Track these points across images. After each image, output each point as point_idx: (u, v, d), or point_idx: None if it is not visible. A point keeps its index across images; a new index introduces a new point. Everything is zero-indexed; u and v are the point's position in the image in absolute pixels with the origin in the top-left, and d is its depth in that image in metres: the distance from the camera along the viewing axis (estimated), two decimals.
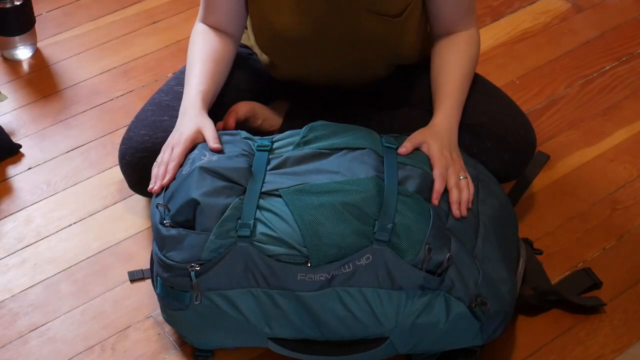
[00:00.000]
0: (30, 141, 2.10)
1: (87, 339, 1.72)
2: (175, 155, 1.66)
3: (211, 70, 1.77)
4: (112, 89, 2.24)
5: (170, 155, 1.67)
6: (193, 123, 1.69)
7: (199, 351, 1.67)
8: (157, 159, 1.69)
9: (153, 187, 1.65)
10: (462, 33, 1.82)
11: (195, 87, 1.74)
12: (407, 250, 1.54)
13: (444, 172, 1.66)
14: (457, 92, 1.77)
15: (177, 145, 1.67)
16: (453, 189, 1.65)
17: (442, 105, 1.76)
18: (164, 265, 1.57)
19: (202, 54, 1.79)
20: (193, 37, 1.84)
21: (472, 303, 1.55)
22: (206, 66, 1.77)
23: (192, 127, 1.68)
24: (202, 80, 1.75)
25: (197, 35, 1.83)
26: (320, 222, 1.54)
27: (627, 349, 1.70)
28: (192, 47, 1.82)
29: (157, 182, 1.65)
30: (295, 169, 1.63)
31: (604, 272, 1.81)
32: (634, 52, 2.34)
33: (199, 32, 1.83)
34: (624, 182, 2.01)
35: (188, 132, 1.68)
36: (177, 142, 1.68)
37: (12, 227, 1.92)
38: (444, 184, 1.65)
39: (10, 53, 2.29)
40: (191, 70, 1.78)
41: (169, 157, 1.67)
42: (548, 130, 2.12)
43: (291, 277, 1.53)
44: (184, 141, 1.67)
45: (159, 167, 1.67)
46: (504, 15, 2.45)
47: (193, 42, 1.83)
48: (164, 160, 1.67)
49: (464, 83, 1.79)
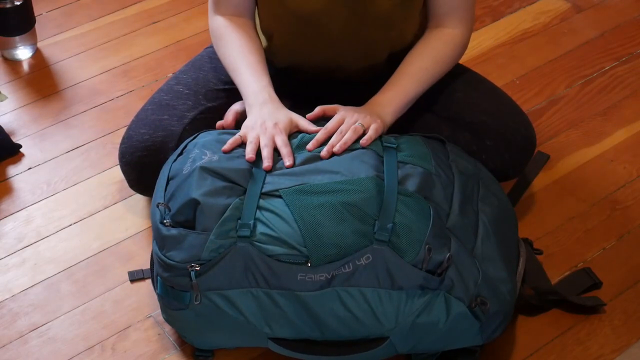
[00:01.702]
0: (30, 141, 2.10)
1: (87, 339, 1.72)
2: (285, 142, 1.65)
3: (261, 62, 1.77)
4: (112, 89, 2.24)
5: (270, 141, 1.65)
6: (283, 114, 1.69)
7: (199, 351, 1.67)
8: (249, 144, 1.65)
9: (269, 165, 1.63)
10: (446, 30, 1.81)
11: (259, 80, 1.74)
12: (407, 250, 1.54)
13: (331, 126, 1.68)
14: (405, 82, 1.77)
15: (279, 134, 1.66)
16: (335, 135, 1.66)
17: (383, 90, 1.77)
18: (164, 265, 1.57)
19: (239, 50, 1.78)
20: (218, 31, 1.81)
21: (472, 303, 1.55)
22: (254, 58, 1.77)
23: (285, 118, 1.69)
24: (261, 72, 1.75)
25: (221, 31, 1.81)
26: (320, 222, 1.54)
27: (627, 349, 1.70)
28: (225, 48, 1.80)
29: (268, 162, 1.63)
30: (295, 169, 1.63)
31: (604, 272, 1.81)
32: (634, 52, 2.34)
33: (222, 27, 1.81)
34: (624, 182, 2.01)
35: (284, 122, 1.68)
36: (278, 132, 1.66)
37: (12, 227, 1.92)
38: (325, 136, 1.66)
39: (10, 53, 2.29)
40: (238, 66, 1.77)
41: (269, 142, 1.65)
42: (548, 130, 2.12)
43: (291, 277, 1.53)
44: (284, 130, 1.67)
45: (265, 148, 1.64)
46: (504, 15, 2.45)
47: (220, 36, 1.81)
48: (267, 144, 1.65)
49: (418, 75, 1.78)
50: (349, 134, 1.67)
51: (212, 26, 1.83)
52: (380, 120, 1.71)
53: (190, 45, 2.34)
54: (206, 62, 1.92)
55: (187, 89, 1.87)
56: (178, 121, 1.82)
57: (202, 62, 1.92)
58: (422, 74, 1.79)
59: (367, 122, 1.69)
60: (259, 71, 1.76)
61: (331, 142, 1.66)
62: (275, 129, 1.67)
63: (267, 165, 1.62)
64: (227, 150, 1.65)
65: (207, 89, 1.87)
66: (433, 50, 1.80)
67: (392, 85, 1.78)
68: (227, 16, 1.81)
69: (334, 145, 1.65)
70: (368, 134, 1.68)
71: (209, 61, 1.92)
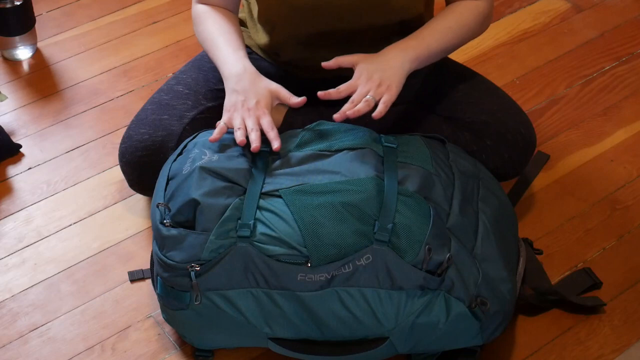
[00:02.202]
0: (30, 141, 2.10)
1: (87, 339, 1.72)
2: (271, 125, 1.64)
3: (238, 38, 1.76)
4: (112, 89, 2.24)
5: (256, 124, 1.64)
6: (262, 87, 1.67)
7: (199, 351, 1.67)
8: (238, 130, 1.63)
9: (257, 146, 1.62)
10: (469, 3, 1.78)
11: (235, 52, 1.72)
12: (407, 250, 1.54)
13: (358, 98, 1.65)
14: (428, 35, 1.74)
15: (263, 116, 1.65)
16: (348, 103, 1.64)
17: (404, 40, 1.74)
18: (164, 265, 1.57)
19: (218, 27, 1.77)
20: (198, 17, 1.81)
21: (472, 303, 1.55)
22: (231, 36, 1.75)
23: (265, 92, 1.67)
24: (237, 46, 1.73)
25: (201, 15, 1.81)
26: (320, 223, 1.54)
27: (627, 349, 1.70)
28: (203, 26, 1.79)
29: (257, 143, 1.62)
30: (295, 169, 1.63)
31: (604, 272, 1.81)
32: (634, 52, 2.34)
33: (202, 12, 1.81)
34: (624, 182, 2.01)
35: (265, 97, 1.66)
36: (263, 113, 1.65)
37: (12, 227, 1.92)
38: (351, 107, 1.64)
39: (10, 53, 2.29)
40: (215, 43, 1.76)
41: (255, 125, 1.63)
42: (548, 130, 2.12)
43: (291, 277, 1.53)
44: (266, 107, 1.65)
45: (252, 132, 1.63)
46: (504, 15, 2.45)
47: (200, 22, 1.80)
48: (253, 128, 1.63)
49: (442, 32, 1.75)
50: (361, 105, 1.64)
51: (194, 14, 1.83)
52: (394, 86, 1.68)
53: (190, 45, 2.34)
54: (206, 62, 1.92)
55: (187, 89, 1.87)
56: (178, 121, 1.82)
57: (202, 62, 1.93)
58: (446, 32, 1.76)
59: (379, 92, 1.67)
60: (233, 45, 1.74)
61: (343, 109, 1.64)
62: (258, 109, 1.66)
63: (256, 147, 1.61)
64: (216, 139, 1.64)
65: (207, 88, 1.88)
66: (458, 14, 1.77)
67: (415, 36, 1.74)
68: (209, 5, 1.81)
69: (344, 112, 1.63)
70: (379, 109, 1.65)
71: (209, 61, 1.92)
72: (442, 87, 1.85)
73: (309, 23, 1.77)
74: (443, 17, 1.78)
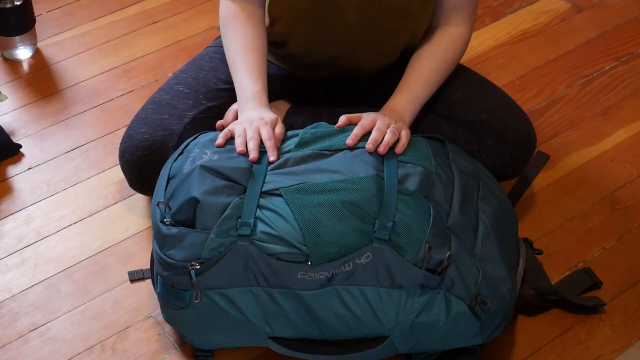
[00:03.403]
0: (30, 141, 2.10)
1: (87, 339, 1.72)
2: (270, 135, 1.66)
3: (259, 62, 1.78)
4: (112, 89, 2.24)
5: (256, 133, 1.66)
6: (270, 115, 1.71)
7: (199, 351, 1.67)
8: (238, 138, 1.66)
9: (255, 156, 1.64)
10: (451, 28, 1.82)
11: (254, 84, 1.75)
12: (407, 248, 1.54)
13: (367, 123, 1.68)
14: (417, 86, 1.79)
15: (264, 126, 1.67)
16: (375, 131, 1.67)
17: (397, 95, 1.78)
18: (164, 263, 1.57)
19: (243, 43, 1.78)
20: (226, 19, 1.82)
21: (472, 302, 1.55)
22: (254, 56, 1.77)
23: (273, 116, 1.70)
24: (257, 76, 1.76)
25: (229, 18, 1.81)
26: (321, 221, 1.54)
27: (627, 349, 1.70)
28: (229, 34, 1.80)
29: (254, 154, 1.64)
30: (295, 168, 1.63)
31: (604, 272, 1.81)
32: (634, 52, 2.34)
33: (230, 15, 1.81)
34: (624, 182, 2.01)
35: (271, 118, 1.70)
36: (264, 124, 1.67)
37: (12, 227, 1.92)
38: (362, 131, 1.67)
39: (10, 53, 2.29)
40: (238, 60, 1.78)
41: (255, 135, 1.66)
42: (548, 130, 2.12)
43: (291, 276, 1.53)
44: (270, 123, 1.68)
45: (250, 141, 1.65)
46: (504, 15, 2.45)
47: (227, 26, 1.81)
48: (253, 137, 1.66)
49: (429, 78, 1.80)
50: (388, 135, 1.66)
51: (222, 11, 1.83)
52: (406, 125, 1.73)
53: (190, 45, 2.34)
54: (206, 62, 1.92)
55: (188, 89, 1.87)
56: (178, 120, 1.82)
57: (202, 62, 1.93)
58: (433, 77, 1.80)
59: (399, 127, 1.70)
60: (255, 73, 1.76)
61: (373, 137, 1.66)
62: (261, 122, 1.68)
63: (253, 157, 1.63)
64: (220, 144, 1.66)
65: (208, 88, 1.88)
66: (441, 52, 1.81)
67: (404, 91, 1.79)
68: (238, 2, 1.81)
69: (376, 141, 1.65)
70: (401, 141, 1.68)
71: (209, 61, 1.92)
72: (442, 87, 1.85)
73: (323, 17, 1.77)
74: (428, 58, 1.81)
